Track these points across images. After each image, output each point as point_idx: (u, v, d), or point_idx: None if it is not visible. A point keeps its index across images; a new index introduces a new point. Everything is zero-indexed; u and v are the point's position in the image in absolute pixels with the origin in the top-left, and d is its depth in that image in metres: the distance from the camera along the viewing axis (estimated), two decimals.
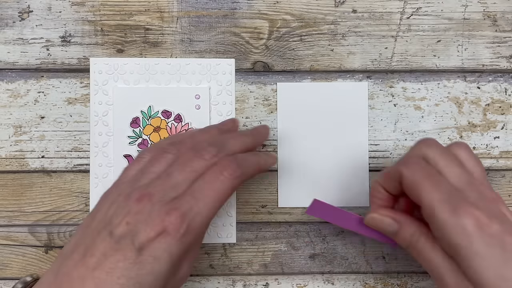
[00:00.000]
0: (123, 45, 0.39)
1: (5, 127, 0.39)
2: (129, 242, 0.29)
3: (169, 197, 0.30)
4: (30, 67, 0.39)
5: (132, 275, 0.28)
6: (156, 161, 0.32)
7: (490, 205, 0.29)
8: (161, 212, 0.29)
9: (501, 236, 0.27)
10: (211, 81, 0.39)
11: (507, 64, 0.40)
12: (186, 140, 0.33)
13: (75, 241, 0.31)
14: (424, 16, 0.40)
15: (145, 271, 0.29)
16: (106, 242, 0.29)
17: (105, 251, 0.29)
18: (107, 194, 0.33)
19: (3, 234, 0.39)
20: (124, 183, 0.32)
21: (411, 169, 0.31)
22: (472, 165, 0.32)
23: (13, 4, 0.39)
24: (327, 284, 0.39)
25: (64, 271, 0.29)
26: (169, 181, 0.30)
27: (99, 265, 0.29)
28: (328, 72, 0.40)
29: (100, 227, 0.30)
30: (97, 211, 0.32)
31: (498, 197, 0.30)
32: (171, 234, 0.29)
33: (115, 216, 0.30)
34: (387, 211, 0.33)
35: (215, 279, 0.39)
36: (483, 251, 0.27)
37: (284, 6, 0.39)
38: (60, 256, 0.31)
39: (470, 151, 0.32)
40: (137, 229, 0.29)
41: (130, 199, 0.30)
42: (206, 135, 0.34)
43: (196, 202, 0.29)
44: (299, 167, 0.39)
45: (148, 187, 0.30)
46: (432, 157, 0.31)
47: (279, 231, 0.39)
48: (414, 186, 0.30)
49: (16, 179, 0.39)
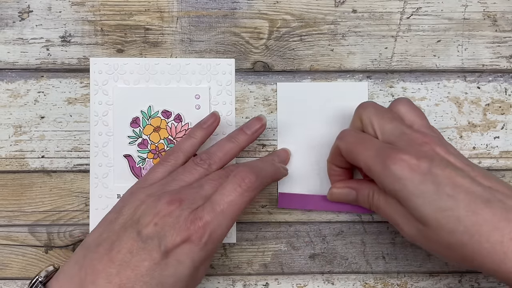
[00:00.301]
0: (123, 45, 0.39)
1: (5, 127, 0.39)
2: (156, 244, 0.30)
3: (197, 205, 0.31)
4: (30, 67, 0.39)
5: (156, 275, 0.30)
6: (188, 172, 0.34)
7: (420, 148, 0.30)
8: (187, 220, 0.30)
9: (431, 172, 0.29)
10: (211, 81, 0.39)
11: (507, 64, 0.40)
12: (216, 153, 0.35)
13: (99, 234, 0.32)
14: (424, 16, 0.40)
15: (168, 272, 0.30)
16: (133, 240, 0.30)
17: (132, 249, 0.30)
18: (133, 192, 0.34)
19: (3, 234, 0.39)
20: (154, 185, 0.34)
21: (344, 140, 0.34)
22: (411, 117, 0.34)
23: (13, 4, 0.39)
24: (327, 284, 0.39)
25: (88, 264, 0.30)
26: (200, 192, 0.32)
27: (125, 262, 0.30)
28: (328, 72, 0.40)
29: (128, 225, 0.31)
30: (122, 207, 0.33)
31: (432, 138, 0.31)
32: (194, 242, 0.30)
33: (143, 216, 0.31)
34: (342, 183, 0.37)
35: (215, 279, 0.39)
36: (417, 190, 0.29)
37: (284, 6, 0.39)
38: (83, 248, 0.32)
39: (409, 104, 0.34)
40: (164, 232, 0.30)
41: (160, 201, 0.31)
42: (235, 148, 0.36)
43: (216, 215, 0.31)
44: (299, 167, 0.39)
45: (179, 193, 0.32)
46: (367, 118, 0.34)
47: (279, 231, 0.39)
48: (350, 154, 0.33)
49: (16, 179, 0.39)
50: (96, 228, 0.33)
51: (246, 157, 0.39)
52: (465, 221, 0.28)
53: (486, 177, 0.30)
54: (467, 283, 0.39)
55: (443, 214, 0.28)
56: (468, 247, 0.28)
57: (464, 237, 0.28)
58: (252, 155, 0.39)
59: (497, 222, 0.27)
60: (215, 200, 0.31)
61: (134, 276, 0.30)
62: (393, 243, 0.39)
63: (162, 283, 0.30)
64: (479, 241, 0.27)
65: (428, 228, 0.29)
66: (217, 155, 0.35)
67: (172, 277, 0.30)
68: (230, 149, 0.35)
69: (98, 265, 0.30)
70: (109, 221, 0.32)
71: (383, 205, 0.33)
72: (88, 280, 0.30)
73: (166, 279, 0.30)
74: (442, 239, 0.29)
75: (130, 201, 0.33)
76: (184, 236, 0.30)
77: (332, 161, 0.37)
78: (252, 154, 0.39)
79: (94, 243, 0.31)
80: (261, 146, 0.39)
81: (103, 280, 0.29)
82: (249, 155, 0.39)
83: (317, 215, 0.39)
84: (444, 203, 0.28)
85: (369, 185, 0.34)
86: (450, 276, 0.39)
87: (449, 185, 0.29)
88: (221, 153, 0.35)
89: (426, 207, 0.29)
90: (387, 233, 0.39)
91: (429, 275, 0.39)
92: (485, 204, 0.28)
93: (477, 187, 0.29)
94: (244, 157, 0.39)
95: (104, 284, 0.29)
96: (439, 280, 0.39)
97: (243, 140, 0.36)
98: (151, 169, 0.35)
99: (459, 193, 0.28)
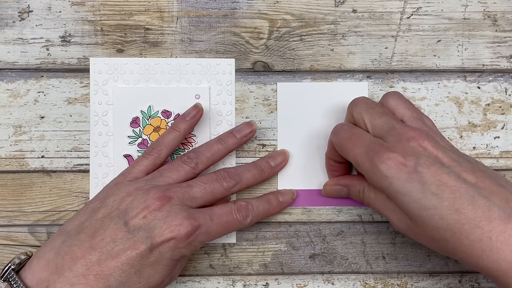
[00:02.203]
0: (123, 45, 0.39)
1: (5, 127, 0.39)
2: (143, 236, 0.31)
3: (186, 205, 0.32)
4: (30, 67, 0.39)
5: (135, 264, 0.31)
6: (175, 170, 0.35)
7: (408, 144, 0.31)
8: (179, 216, 0.31)
9: (416, 170, 0.29)
10: (211, 81, 0.39)
11: (507, 64, 0.40)
12: (204, 153, 0.36)
13: (80, 222, 0.33)
14: (424, 16, 0.40)
15: (147, 262, 0.31)
16: (118, 230, 0.31)
17: (116, 238, 0.31)
18: (118, 183, 0.34)
19: (3, 234, 0.39)
20: (140, 179, 0.34)
21: (337, 135, 0.35)
22: (401, 110, 0.34)
23: (13, 4, 0.39)
24: (327, 284, 0.39)
25: (66, 250, 0.31)
26: (189, 192, 0.33)
27: (107, 250, 0.31)
28: (328, 72, 0.40)
29: (114, 215, 0.32)
30: (106, 197, 0.33)
31: (420, 133, 0.31)
32: (182, 238, 0.31)
33: (131, 208, 0.32)
34: (334, 180, 0.38)
35: (215, 279, 0.39)
36: (403, 188, 0.30)
37: (284, 6, 0.39)
38: (62, 234, 0.32)
39: (399, 98, 0.35)
40: (153, 225, 0.31)
41: (149, 195, 0.32)
42: (223, 150, 0.37)
43: (211, 224, 0.33)
44: (299, 167, 0.39)
45: (168, 189, 0.33)
46: (358, 114, 0.34)
47: (279, 231, 0.39)
48: (342, 150, 0.34)
49: (16, 179, 0.39)
50: (77, 215, 0.33)
51: (246, 157, 0.39)
52: (448, 219, 0.28)
53: (474, 171, 0.30)
54: (467, 283, 0.39)
55: (427, 212, 0.29)
56: (450, 243, 0.29)
57: (447, 234, 0.29)
58: (252, 155, 0.39)
59: (479, 221, 0.28)
60: (214, 212, 0.33)
61: (115, 264, 0.30)
62: (393, 243, 0.39)
63: (140, 272, 0.31)
64: (459, 238, 0.28)
65: (414, 223, 0.30)
66: (205, 155, 0.36)
67: (151, 268, 0.31)
68: (218, 150, 0.36)
69: (77, 252, 0.30)
70: (91, 209, 0.33)
71: (373, 200, 0.34)
72: (65, 266, 0.30)
73: (145, 268, 0.31)
74: (427, 234, 0.30)
75: (115, 192, 0.33)
76: (174, 231, 0.31)
77: (329, 155, 0.37)
78: (252, 154, 0.39)
79: (75, 230, 0.32)
80: (261, 146, 0.39)
81: (82, 266, 0.30)
82: (249, 155, 0.39)
83: (317, 215, 0.39)
84: (429, 202, 0.29)
85: (360, 181, 0.35)
86: (450, 276, 0.39)
87: (434, 184, 0.29)
88: (208, 153, 0.36)
89: (412, 204, 0.29)
90: (387, 233, 0.39)
91: (429, 275, 0.39)
92: (469, 202, 0.28)
93: (463, 185, 0.29)
94: (244, 157, 0.39)
95: (82, 270, 0.30)
96: (439, 280, 0.39)
97: (232, 143, 0.37)
98: (135, 162, 0.36)
99: (443, 191, 0.29)
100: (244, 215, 0.34)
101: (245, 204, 0.35)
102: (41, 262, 0.31)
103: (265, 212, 0.37)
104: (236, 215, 0.34)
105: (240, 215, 0.34)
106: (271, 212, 0.37)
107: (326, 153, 0.38)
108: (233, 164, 0.39)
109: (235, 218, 0.34)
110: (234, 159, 0.39)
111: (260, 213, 0.36)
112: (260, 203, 0.36)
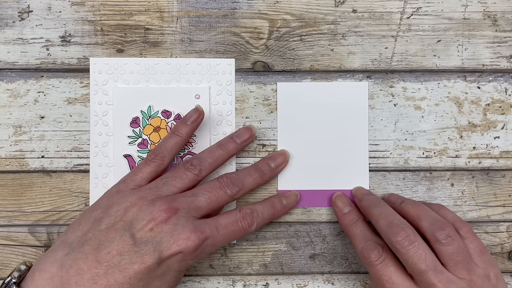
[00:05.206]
0: (123, 45, 0.39)
1: (5, 127, 0.39)
2: (151, 249, 0.30)
3: (192, 216, 0.32)
4: (30, 67, 0.39)
5: (143, 278, 0.30)
6: (179, 178, 0.34)
7: None
8: (186, 229, 0.31)
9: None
10: (211, 81, 0.39)
11: (507, 64, 0.40)
12: (206, 159, 0.36)
13: (83, 233, 0.32)
14: (424, 16, 0.40)
15: (155, 276, 0.31)
16: (125, 242, 0.30)
17: (122, 251, 0.30)
18: (121, 192, 0.34)
19: (3, 234, 0.39)
20: (144, 188, 0.34)
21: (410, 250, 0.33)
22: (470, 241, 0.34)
23: (13, 4, 0.39)
24: (327, 284, 0.39)
25: (71, 263, 0.30)
26: (194, 202, 0.33)
27: (114, 263, 0.30)
28: (328, 72, 0.40)
29: (119, 226, 0.31)
30: (109, 206, 0.33)
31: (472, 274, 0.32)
32: (188, 252, 0.31)
33: (137, 219, 0.31)
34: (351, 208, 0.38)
35: (215, 279, 0.39)
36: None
37: (284, 6, 0.39)
38: (64, 246, 0.31)
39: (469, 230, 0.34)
40: (160, 239, 0.31)
41: (155, 206, 0.32)
42: (225, 155, 0.37)
43: (218, 235, 0.32)
44: (299, 167, 0.39)
45: (174, 200, 0.32)
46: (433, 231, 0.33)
47: (279, 231, 0.39)
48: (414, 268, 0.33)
49: (16, 179, 0.39)
50: (78, 225, 0.32)
51: (246, 157, 0.39)
52: None
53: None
54: None
55: None
56: None
57: None
58: (252, 155, 0.39)
59: None
60: (220, 222, 0.33)
61: (122, 277, 0.30)
62: None
63: (148, 284, 0.30)
64: None
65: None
66: (207, 161, 0.35)
67: (158, 280, 0.31)
68: (220, 156, 0.36)
69: (83, 265, 0.30)
70: (93, 219, 0.32)
71: (353, 231, 0.36)
72: (71, 281, 0.29)
73: (152, 280, 0.31)
74: None
75: (118, 201, 0.33)
76: (182, 245, 0.30)
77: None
78: (252, 154, 0.39)
79: (78, 242, 0.31)
80: (261, 146, 0.39)
81: (88, 280, 0.29)
82: (249, 155, 0.39)
83: (317, 215, 0.39)
84: None
85: (358, 214, 0.37)
86: None
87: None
88: (211, 160, 0.36)
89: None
90: None
91: None
92: None
93: None
94: (244, 157, 0.39)
95: (89, 285, 0.29)
96: None
97: (232, 148, 0.37)
98: (137, 168, 0.35)
99: None
100: (249, 223, 0.34)
101: (250, 211, 0.35)
102: (45, 275, 0.30)
103: (269, 217, 0.37)
104: (242, 223, 0.34)
105: (246, 223, 0.34)
106: (275, 216, 0.37)
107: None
108: (233, 164, 0.39)
109: (241, 226, 0.34)
110: (234, 159, 0.39)
111: (265, 218, 0.36)
112: (264, 209, 0.36)
